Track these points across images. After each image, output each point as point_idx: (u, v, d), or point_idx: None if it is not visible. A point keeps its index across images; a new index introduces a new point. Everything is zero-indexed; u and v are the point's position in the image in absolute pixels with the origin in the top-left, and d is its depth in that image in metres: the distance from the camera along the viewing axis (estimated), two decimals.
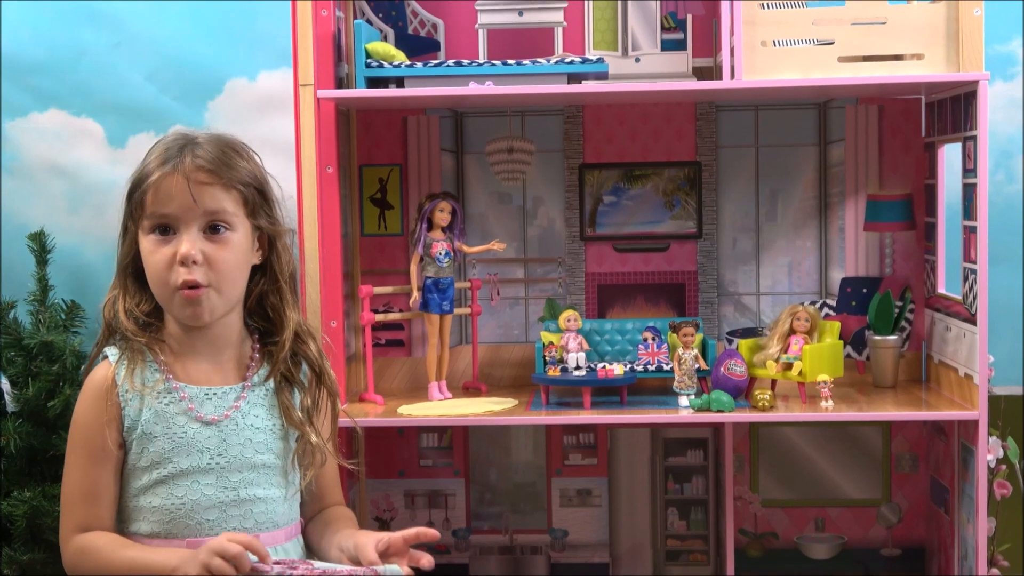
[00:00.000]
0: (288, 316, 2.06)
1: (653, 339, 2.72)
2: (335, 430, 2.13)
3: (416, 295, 2.69)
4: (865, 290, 2.89)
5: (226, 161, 1.97)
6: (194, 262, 1.93)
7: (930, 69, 2.50)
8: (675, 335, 2.65)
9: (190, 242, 1.93)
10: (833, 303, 2.91)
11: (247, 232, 2.00)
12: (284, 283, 2.06)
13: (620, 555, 2.99)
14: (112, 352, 2.01)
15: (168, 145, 1.98)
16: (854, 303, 2.90)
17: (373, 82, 2.59)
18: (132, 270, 2.02)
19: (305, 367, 2.08)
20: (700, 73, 2.82)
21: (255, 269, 2.05)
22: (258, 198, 2.01)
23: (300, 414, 2.04)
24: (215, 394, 2.00)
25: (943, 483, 2.77)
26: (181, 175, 1.93)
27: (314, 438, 2.03)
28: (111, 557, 1.92)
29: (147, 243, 1.96)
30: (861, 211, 2.89)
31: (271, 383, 2.05)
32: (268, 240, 2.05)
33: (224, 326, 2.02)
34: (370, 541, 1.92)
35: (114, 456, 1.96)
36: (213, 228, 1.96)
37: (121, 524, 1.99)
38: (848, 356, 2.86)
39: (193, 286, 1.93)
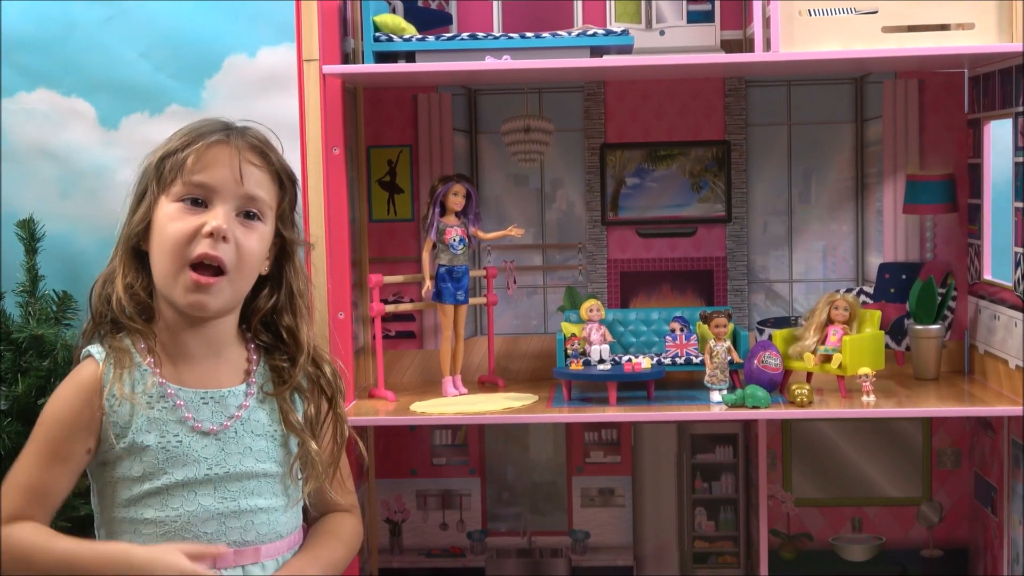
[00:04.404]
0: (307, 339, 1.97)
1: (681, 330, 2.59)
2: (340, 456, 2.02)
3: (428, 284, 2.58)
4: (904, 276, 2.77)
5: (274, 150, 1.91)
6: (224, 239, 1.82)
7: (981, 40, 2.37)
8: (706, 326, 2.52)
9: (226, 216, 1.83)
10: (870, 290, 2.80)
11: (271, 232, 1.92)
12: (302, 300, 1.97)
13: (645, 558, 2.88)
14: (97, 351, 1.88)
15: (207, 120, 1.89)
16: (893, 290, 2.78)
17: (382, 57, 2.47)
18: (134, 247, 1.89)
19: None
20: (728, 46, 2.71)
21: (261, 283, 1.95)
22: (292, 199, 1.94)
23: (301, 421, 1.95)
24: (212, 398, 1.89)
25: (989, 481, 2.64)
26: (233, 147, 1.85)
27: (314, 446, 1.94)
28: (45, 548, 1.78)
29: (171, 209, 1.84)
30: (900, 192, 2.77)
31: (270, 387, 1.95)
32: (277, 252, 1.96)
33: (221, 326, 1.92)
34: None
35: (79, 460, 1.84)
36: (248, 215, 1.87)
37: (108, 538, 1.87)
38: (886, 346, 2.73)
39: (210, 264, 1.82)
